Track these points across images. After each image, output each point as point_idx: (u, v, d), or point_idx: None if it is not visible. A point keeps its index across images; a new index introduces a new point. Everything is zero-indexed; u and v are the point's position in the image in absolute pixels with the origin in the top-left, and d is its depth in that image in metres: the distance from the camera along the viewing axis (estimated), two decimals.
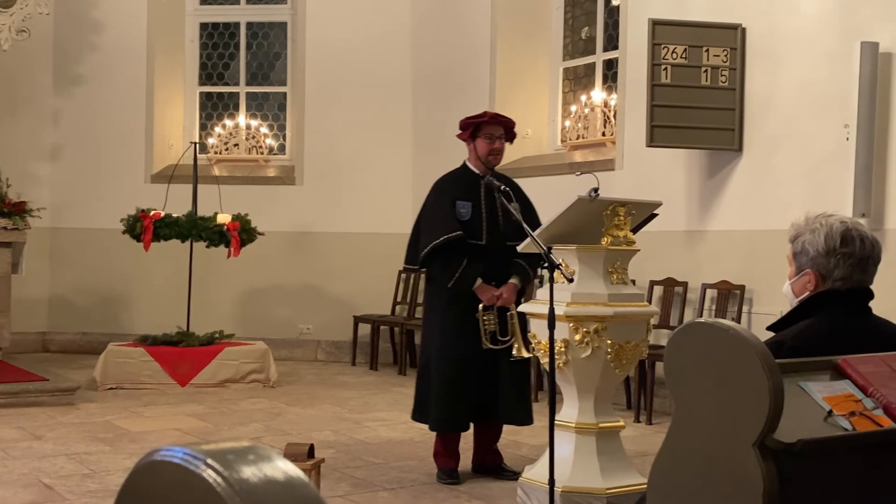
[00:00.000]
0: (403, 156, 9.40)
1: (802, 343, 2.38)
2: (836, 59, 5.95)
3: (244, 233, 8.05)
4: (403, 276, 9.20)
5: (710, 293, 6.75)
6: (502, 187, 4.64)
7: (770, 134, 6.44)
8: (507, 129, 5.08)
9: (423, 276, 9.13)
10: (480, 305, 4.84)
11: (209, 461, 0.87)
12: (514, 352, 4.78)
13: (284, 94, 9.97)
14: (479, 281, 4.85)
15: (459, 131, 5.13)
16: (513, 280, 4.93)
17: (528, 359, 4.84)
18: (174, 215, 7.95)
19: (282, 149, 10.01)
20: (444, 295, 4.92)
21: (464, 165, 5.16)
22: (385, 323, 9.02)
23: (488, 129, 5.02)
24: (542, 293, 4.28)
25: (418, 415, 5.07)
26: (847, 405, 2.13)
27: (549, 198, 5.72)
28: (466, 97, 8.65)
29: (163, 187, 8.33)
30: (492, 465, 5.04)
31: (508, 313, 4.86)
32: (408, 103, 9.41)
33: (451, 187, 5.01)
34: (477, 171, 5.05)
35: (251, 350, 7.91)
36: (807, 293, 2.54)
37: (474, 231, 4.92)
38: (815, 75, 6.14)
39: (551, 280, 3.89)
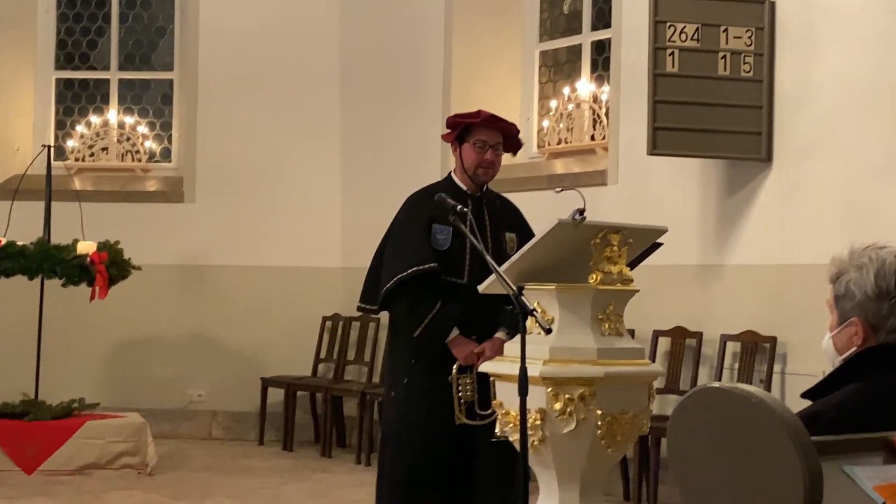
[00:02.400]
0: (329, 165, 9.38)
1: (847, 414, 2.41)
2: (889, 42, 6.08)
3: (114, 267, 7.97)
4: (329, 324, 9.15)
5: (732, 347, 6.81)
6: (458, 207, 4.62)
7: (807, 140, 6.53)
8: (507, 136, 5.07)
9: (379, 321, 9.04)
10: (455, 366, 4.78)
11: None
12: (498, 430, 4.69)
13: (170, 82, 9.93)
14: (456, 331, 4.82)
15: (447, 130, 5.12)
16: (499, 334, 4.87)
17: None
18: (19, 243, 7.86)
19: (166, 154, 9.95)
20: (410, 348, 4.88)
21: (448, 178, 5.17)
22: (304, 387, 8.94)
23: (480, 134, 4.98)
24: (512, 347, 4.29)
25: None
26: None
27: None
28: (411, 91, 8.64)
29: (5, 205, 8.23)
30: None
31: (491, 379, 4.81)
32: (335, 98, 9.40)
33: (429, 205, 4.89)
34: (464, 187, 5.03)
35: (122, 425, 7.82)
36: (853, 349, 2.58)
37: (454, 265, 4.88)
38: (863, 64, 6.25)
39: (523, 330, 3.89)
